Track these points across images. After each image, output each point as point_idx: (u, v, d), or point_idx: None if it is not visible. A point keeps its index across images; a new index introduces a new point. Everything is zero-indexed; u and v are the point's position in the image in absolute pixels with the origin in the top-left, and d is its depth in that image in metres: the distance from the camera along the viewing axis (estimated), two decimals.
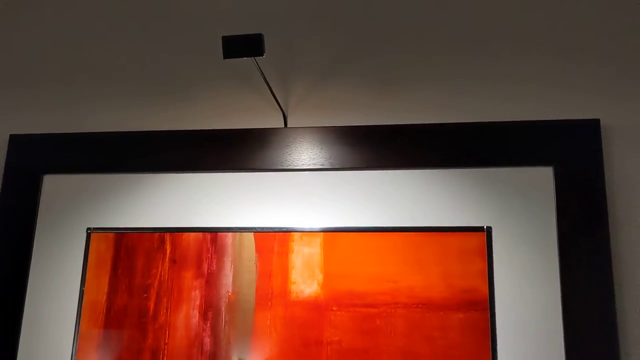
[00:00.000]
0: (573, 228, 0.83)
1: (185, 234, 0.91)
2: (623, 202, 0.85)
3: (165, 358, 0.87)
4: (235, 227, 0.91)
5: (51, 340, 0.90)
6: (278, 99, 0.95)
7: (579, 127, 0.86)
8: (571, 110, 0.89)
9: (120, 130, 0.97)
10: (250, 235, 0.90)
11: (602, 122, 0.86)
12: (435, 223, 0.87)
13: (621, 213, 0.85)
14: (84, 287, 0.91)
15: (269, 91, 0.93)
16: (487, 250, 0.84)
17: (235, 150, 0.93)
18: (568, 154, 0.85)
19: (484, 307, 0.82)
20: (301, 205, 0.90)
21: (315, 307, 0.86)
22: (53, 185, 0.96)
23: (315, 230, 0.89)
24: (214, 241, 0.91)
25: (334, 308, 0.86)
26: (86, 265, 0.92)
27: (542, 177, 0.86)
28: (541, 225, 0.84)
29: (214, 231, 0.91)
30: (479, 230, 0.85)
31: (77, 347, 0.89)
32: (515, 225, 0.85)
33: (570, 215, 0.83)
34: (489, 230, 0.85)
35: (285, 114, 0.96)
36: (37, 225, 0.94)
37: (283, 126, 0.95)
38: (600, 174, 0.84)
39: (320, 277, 0.87)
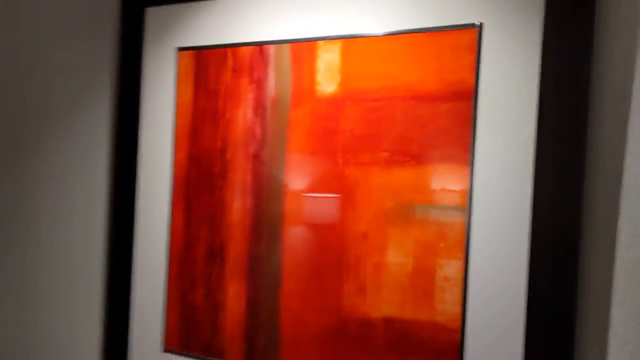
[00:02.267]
0: (559, 22, 0.84)
1: (241, 48, 1.13)
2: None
3: (230, 143, 1.15)
4: (275, 40, 1.10)
5: (155, 133, 1.23)
6: None
7: None
8: None
9: None
10: (287, 46, 1.09)
11: None
12: (433, 24, 0.95)
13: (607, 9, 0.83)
14: (176, 93, 1.21)
15: None
16: (477, 45, 0.91)
17: None
18: None
19: (469, 96, 0.91)
20: (323, 16, 1.05)
21: (334, 103, 1.04)
22: (153, 16, 1.24)
23: (334, 37, 1.04)
24: (261, 53, 1.11)
25: (348, 103, 1.02)
26: (176, 76, 1.21)
27: None
28: (532, 23, 0.87)
29: (260, 44, 1.11)
30: (471, 26, 0.91)
31: (175, 137, 1.21)
32: (507, 22, 0.89)
33: (559, 7, 0.84)
34: (480, 26, 0.91)
35: None
36: (144, 48, 1.25)
37: None
38: None
39: (338, 78, 1.03)
